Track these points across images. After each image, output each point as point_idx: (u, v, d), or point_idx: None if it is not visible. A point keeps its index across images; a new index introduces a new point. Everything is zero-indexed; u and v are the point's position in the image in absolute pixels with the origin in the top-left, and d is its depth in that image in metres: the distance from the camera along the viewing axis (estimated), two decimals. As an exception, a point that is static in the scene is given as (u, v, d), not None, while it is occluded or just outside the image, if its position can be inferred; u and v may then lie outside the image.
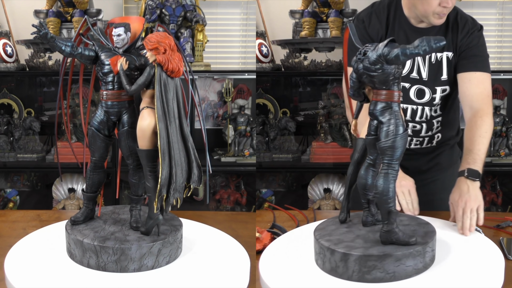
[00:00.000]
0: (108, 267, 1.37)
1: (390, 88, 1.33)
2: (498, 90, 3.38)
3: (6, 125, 3.32)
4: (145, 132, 1.37)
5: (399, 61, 1.28)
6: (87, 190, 1.51)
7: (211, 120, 3.53)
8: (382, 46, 1.29)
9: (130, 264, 1.37)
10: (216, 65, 3.41)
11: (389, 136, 1.33)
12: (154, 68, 1.35)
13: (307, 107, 3.52)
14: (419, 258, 1.33)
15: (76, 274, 1.37)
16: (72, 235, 1.41)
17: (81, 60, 1.43)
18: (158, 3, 3.14)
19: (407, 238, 1.34)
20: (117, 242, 1.38)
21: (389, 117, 1.33)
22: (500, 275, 1.36)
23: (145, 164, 1.39)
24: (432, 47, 1.23)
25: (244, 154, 3.30)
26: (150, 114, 1.36)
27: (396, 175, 1.35)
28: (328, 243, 1.37)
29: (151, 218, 1.40)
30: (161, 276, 1.37)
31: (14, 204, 3.44)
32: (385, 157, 1.34)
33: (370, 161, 1.43)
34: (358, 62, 1.34)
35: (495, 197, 3.43)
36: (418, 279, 1.32)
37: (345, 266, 1.33)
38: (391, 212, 1.34)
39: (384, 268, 1.30)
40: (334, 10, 3.22)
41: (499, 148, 3.26)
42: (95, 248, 1.37)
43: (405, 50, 1.26)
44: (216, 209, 3.46)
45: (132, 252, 1.37)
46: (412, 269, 1.32)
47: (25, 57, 3.30)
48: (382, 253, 1.30)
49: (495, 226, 1.81)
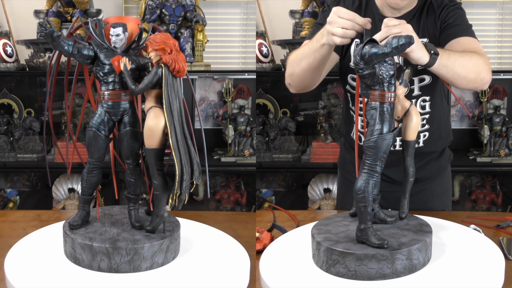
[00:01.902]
0: (121, 268, 1.36)
1: (383, 89, 1.33)
2: (498, 90, 3.38)
3: (6, 125, 3.32)
4: (154, 131, 1.37)
5: (373, 62, 1.29)
6: (84, 193, 1.47)
7: (211, 120, 3.53)
8: (361, 46, 1.30)
9: (142, 263, 1.37)
10: (216, 65, 3.41)
11: (372, 136, 1.33)
12: (161, 68, 1.36)
13: (307, 107, 3.52)
14: (385, 263, 1.30)
15: (76, 274, 1.37)
16: (78, 240, 1.38)
17: (80, 60, 1.41)
18: (158, 3, 3.14)
19: (378, 240, 1.33)
20: (129, 242, 1.37)
21: (375, 117, 1.33)
22: (500, 275, 1.36)
23: (153, 163, 1.39)
24: (397, 47, 1.24)
25: (244, 154, 3.30)
26: (159, 114, 1.37)
27: (376, 176, 1.35)
28: (315, 231, 1.43)
29: (158, 216, 1.41)
30: (160, 276, 1.37)
31: (14, 204, 3.44)
32: (367, 157, 1.34)
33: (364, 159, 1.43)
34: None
35: (495, 197, 3.44)
36: (417, 278, 1.32)
37: (318, 255, 1.37)
38: (364, 211, 1.34)
39: (346, 264, 1.31)
40: (334, 10, 3.22)
41: (499, 148, 3.26)
42: (107, 251, 1.35)
43: (378, 50, 1.27)
44: (216, 209, 3.46)
45: (145, 251, 1.37)
46: (377, 272, 1.30)
47: (25, 57, 3.30)
48: (345, 250, 1.31)
49: (495, 226, 1.81)
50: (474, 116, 3.48)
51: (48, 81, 1.46)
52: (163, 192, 1.40)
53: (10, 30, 3.38)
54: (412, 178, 1.50)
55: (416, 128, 1.46)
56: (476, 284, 1.30)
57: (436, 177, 2.01)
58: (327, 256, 1.34)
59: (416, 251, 1.34)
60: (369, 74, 1.32)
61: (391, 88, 1.33)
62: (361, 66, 1.31)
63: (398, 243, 1.35)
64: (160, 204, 1.41)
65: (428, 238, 1.39)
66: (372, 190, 1.35)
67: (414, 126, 1.46)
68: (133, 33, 1.44)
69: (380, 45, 1.29)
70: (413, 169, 1.50)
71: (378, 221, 1.47)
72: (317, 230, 1.43)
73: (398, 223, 1.49)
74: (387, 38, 1.31)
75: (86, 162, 1.46)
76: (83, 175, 1.46)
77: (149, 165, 1.40)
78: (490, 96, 3.37)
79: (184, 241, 1.51)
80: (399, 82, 1.43)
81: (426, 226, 1.46)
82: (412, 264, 1.33)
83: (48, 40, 1.33)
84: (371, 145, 1.33)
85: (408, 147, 1.48)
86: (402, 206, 1.51)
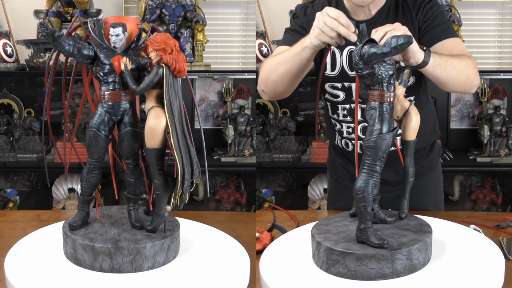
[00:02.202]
0: (123, 268, 1.36)
1: (383, 88, 1.33)
2: (498, 90, 3.38)
3: (6, 125, 3.32)
4: (156, 131, 1.37)
5: (373, 62, 1.29)
6: (84, 193, 1.47)
7: (211, 120, 3.53)
8: (360, 46, 1.30)
9: (144, 263, 1.38)
10: (216, 65, 3.41)
11: (371, 136, 1.33)
12: (162, 68, 1.36)
13: (307, 107, 3.52)
14: (385, 263, 1.30)
15: (76, 274, 1.37)
16: (79, 241, 1.38)
17: (80, 59, 1.40)
18: (158, 3, 3.14)
19: (378, 240, 1.33)
20: (130, 242, 1.37)
21: (375, 117, 1.33)
22: (500, 275, 1.36)
23: (154, 163, 1.39)
24: (396, 46, 1.24)
25: (244, 154, 3.30)
26: (160, 113, 1.37)
27: (375, 176, 1.35)
28: (315, 231, 1.43)
29: (159, 215, 1.42)
30: (159, 277, 1.37)
31: (14, 204, 3.44)
32: (366, 157, 1.34)
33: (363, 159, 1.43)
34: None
35: (495, 197, 3.44)
36: (417, 278, 1.32)
37: (318, 255, 1.37)
38: (364, 211, 1.34)
39: (346, 264, 1.31)
40: (334, 10, 3.22)
41: (499, 148, 3.26)
42: (109, 251, 1.35)
43: (377, 50, 1.27)
44: (216, 209, 3.46)
45: (146, 251, 1.37)
46: (376, 272, 1.30)
47: (25, 57, 3.30)
48: (345, 250, 1.31)
49: (495, 226, 1.81)
50: (474, 116, 3.48)
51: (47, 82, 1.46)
52: (164, 191, 1.40)
53: (10, 30, 3.38)
54: (412, 178, 1.50)
55: (416, 128, 1.46)
56: (476, 284, 1.30)
57: (428, 173, 2.01)
58: (327, 256, 1.34)
59: (416, 251, 1.34)
60: (368, 74, 1.32)
61: (391, 88, 1.33)
62: (361, 66, 1.31)
63: (398, 243, 1.35)
64: (161, 204, 1.41)
65: (428, 238, 1.39)
66: (372, 190, 1.35)
67: (413, 126, 1.46)
68: (133, 33, 1.44)
69: (379, 45, 1.29)
70: (413, 169, 1.50)
71: (378, 221, 1.47)
72: (317, 230, 1.43)
73: (398, 223, 1.49)
74: (386, 38, 1.30)
75: (85, 163, 1.46)
76: (82, 176, 1.46)
77: (150, 165, 1.40)
78: (490, 96, 3.37)
79: (184, 241, 1.52)
80: (398, 82, 1.43)
81: (426, 226, 1.46)
82: (412, 264, 1.33)
83: (49, 40, 1.33)
84: (371, 145, 1.33)
85: (408, 147, 1.48)
86: (402, 206, 1.51)
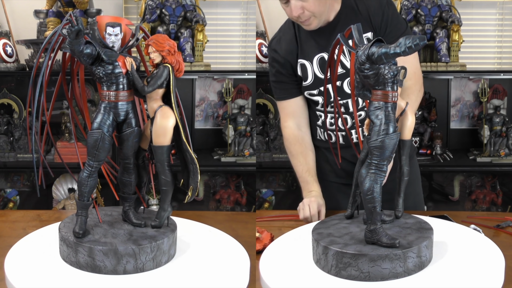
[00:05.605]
0: (146, 266, 1.37)
1: (385, 88, 1.33)
2: (498, 90, 3.38)
3: (6, 125, 3.32)
4: (167, 129, 1.41)
5: (383, 62, 1.29)
6: (85, 199, 1.42)
7: (211, 120, 3.53)
8: (368, 46, 1.30)
9: (162, 258, 1.41)
10: (216, 65, 3.41)
11: (378, 136, 1.33)
12: (168, 68, 1.40)
13: (307, 107, 3.51)
14: (398, 262, 1.31)
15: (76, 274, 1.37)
16: (99, 247, 1.34)
17: (83, 59, 1.37)
18: (158, 3, 3.14)
19: (389, 240, 1.33)
20: (148, 240, 1.39)
21: (381, 117, 1.33)
22: (500, 275, 1.36)
23: (164, 160, 1.42)
24: (411, 46, 1.24)
25: (244, 154, 3.30)
26: (169, 112, 1.41)
27: (383, 176, 1.35)
28: (317, 236, 1.41)
29: (165, 210, 1.46)
30: (159, 276, 1.37)
31: (14, 204, 3.44)
32: (373, 157, 1.35)
33: (369, 160, 1.43)
34: (355, 62, 1.35)
35: (495, 197, 3.43)
36: (417, 278, 1.32)
37: (325, 260, 1.36)
38: (374, 212, 1.34)
39: (359, 266, 1.31)
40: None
41: (499, 148, 3.26)
42: (134, 251, 1.35)
43: (388, 50, 1.26)
44: (216, 209, 3.46)
45: (165, 246, 1.40)
46: (390, 272, 1.30)
47: (25, 57, 3.30)
48: (358, 252, 1.31)
49: (495, 226, 1.81)
50: (474, 116, 3.48)
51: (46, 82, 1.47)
52: (171, 187, 1.44)
53: (10, 30, 3.38)
54: (407, 177, 1.51)
55: (412, 127, 1.48)
56: (476, 284, 1.30)
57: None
58: (337, 260, 1.33)
59: (424, 248, 1.35)
60: (374, 74, 1.31)
61: (394, 87, 1.33)
62: (367, 66, 1.31)
63: (407, 241, 1.35)
64: (167, 199, 1.45)
65: (432, 235, 1.41)
66: (380, 190, 1.35)
67: (410, 125, 1.47)
68: (126, 33, 1.45)
69: (390, 45, 1.27)
70: (407, 168, 1.50)
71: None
72: (318, 235, 1.42)
73: (397, 222, 1.50)
74: (399, 39, 1.28)
75: (84, 167, 1.41)
76: (82, 180, 1.41)
77: (159, 162, 1.42)
78: (490, 96, 3.37)
79: (184, 241, 1.52)
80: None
81: (425, 223, 1.47)
82: (421, 261, 1.35)
83: (70, 37, 1.30)
84: (378, 145, 1.33)
85: (404, 146, 1.49)
86: (398, 205, 1.52)
